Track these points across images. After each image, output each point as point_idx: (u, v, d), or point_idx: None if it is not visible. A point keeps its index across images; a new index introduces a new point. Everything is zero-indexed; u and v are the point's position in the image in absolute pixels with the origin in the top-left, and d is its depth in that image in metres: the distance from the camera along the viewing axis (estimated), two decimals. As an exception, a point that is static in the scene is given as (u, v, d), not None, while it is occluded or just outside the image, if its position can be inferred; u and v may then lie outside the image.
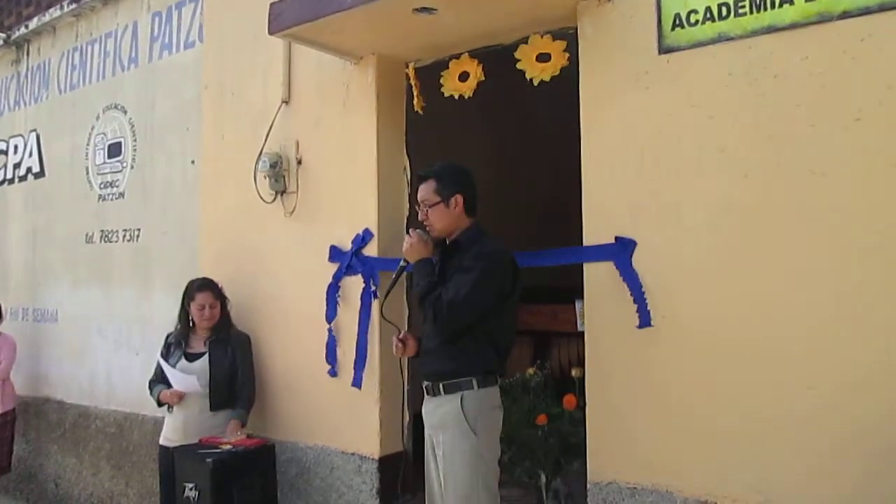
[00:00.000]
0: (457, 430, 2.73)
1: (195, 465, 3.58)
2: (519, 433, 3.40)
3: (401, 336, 3.07)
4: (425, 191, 2.92)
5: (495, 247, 2.85)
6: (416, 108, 3.78)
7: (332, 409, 3.94)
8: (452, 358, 2.78)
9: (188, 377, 3.87)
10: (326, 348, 3.92)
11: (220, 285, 4.13)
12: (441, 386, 2.79)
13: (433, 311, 2.73)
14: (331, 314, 3.91)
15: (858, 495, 2.47)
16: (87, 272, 5.55)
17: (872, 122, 2.48)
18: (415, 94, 3.76)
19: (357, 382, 3.77)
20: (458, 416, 2.72)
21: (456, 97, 3.56)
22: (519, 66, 3.28)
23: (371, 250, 3.80)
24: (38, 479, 5.88)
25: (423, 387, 2.90)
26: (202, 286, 4.08)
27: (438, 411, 2.81)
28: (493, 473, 2.77)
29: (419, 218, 3.00)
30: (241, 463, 3.64)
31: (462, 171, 2.99)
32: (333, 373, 3.89)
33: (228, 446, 3.69)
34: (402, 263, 2.97)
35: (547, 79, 3.23)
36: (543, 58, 3.25)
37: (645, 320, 2.90)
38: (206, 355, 3.96)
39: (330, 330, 3.91)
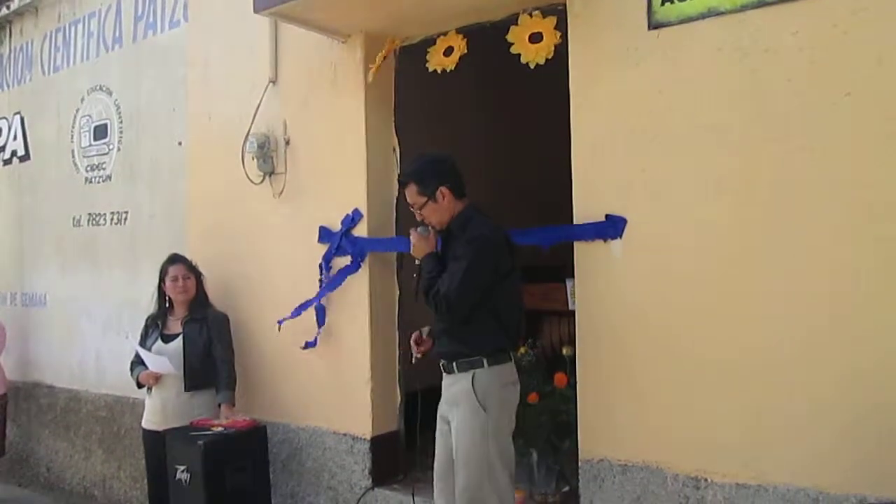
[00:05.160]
0: (468, 406, 2.80)
1: (186, 448, 3.57)
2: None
3: (416, 339, 3.08)
4: (410, 195, 2.97)
5: (483, 230, 2.86)
6: (369, 78, 3.72)
7: (324, 389, 3.93)
8: (462, 339, 2.85)
9: (160, 358, 3.85)
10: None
11: (193, 262, 4.12)
12: (454, 364, 2.87)
13: (435, 304, 2.83)
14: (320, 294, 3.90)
15: (852, 474, 2.48)
16: (74, 256, 5.50)
17: (863, 97, 2.47)
18: (374, 66, 3.69)
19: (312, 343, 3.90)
20: (468, 393, 2.80)
21: (440, 72, 3.50)
22: (513, 49, 3.22)
23: (361, 230, 3.78)
24: (30, 463, 5.86)
25: (440, 365, 2.96)
26: (173, 259, 4.10)
27: (453, 388, 2.90)
28: (504, 448, 2.84)
29: (417, 218, 3.03)
30: (232, 445, 3.64)
31: (437, 162, 2.99)
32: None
33: (220, 428, 3.68)
34: (417, 262, 3.00)
35: (542, 61, 3.18)
36: (535, 38, 3.19)
37: None
38: (181, 336, 3.94)
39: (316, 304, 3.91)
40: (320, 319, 3.88)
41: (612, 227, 2.97)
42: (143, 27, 5.05)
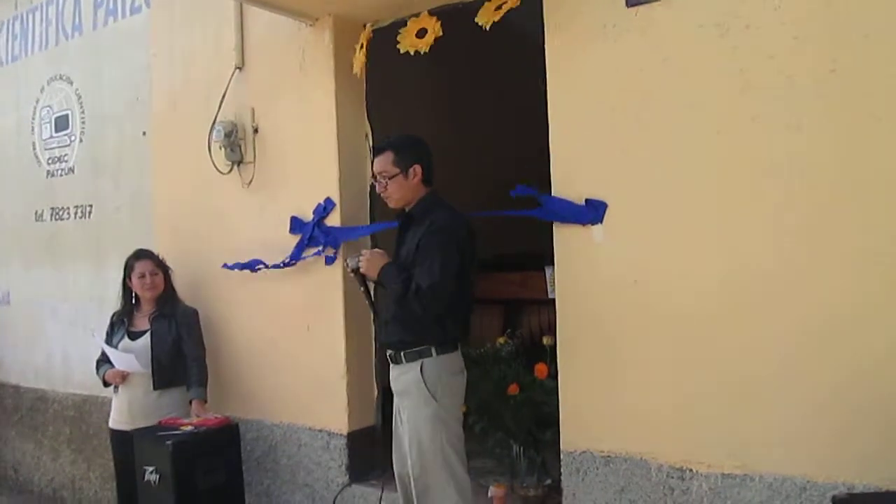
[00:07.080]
0: (419, 396, 2.80)
1: (154, 448, 3.44)
2: (490, 403, 3.32)
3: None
4: (383, 163, 2.92)
5: (450, 217, 2.85)
6: (354, 70, 3.57)
7: (298, 385, 3.82)
8: (411, 327, 2.82)
9: (127, 356, 3.73)
10: None
11: (160, 256, 3.99)
12: (402, 354, 2.85)
13: (418, 303, 2.74)
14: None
15: (834, 456, 2.42)
16: (38, 252, 5.33)
17: (849, 73, 2.39)
18: (357, 55, 3.54)
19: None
20: (418, 382, 2.79)
21: (412, 54, 3.35)
22: (477, 19, 3.10)
23: (334, 220, 3.66)
24: (-4, 466, 5.70)
25: (388, 355, 2.95)
26: (139, 255, 3.95)
27: (401, 378, 2.88)
28: (456, 435, 2.84)
29: (377, 190, 2.98)
30: (203, 444, 3.50)
31: (419, 142, 2.98)
32: None
33: (189, 427, 3.55)
34: (360, 275, 2.97)
35: (497, 19, 3.02)
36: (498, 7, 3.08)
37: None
38: (148, 333, 3.81)
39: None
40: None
41: (592, 212, 2.88)
42: (104, 13, 4.88)
